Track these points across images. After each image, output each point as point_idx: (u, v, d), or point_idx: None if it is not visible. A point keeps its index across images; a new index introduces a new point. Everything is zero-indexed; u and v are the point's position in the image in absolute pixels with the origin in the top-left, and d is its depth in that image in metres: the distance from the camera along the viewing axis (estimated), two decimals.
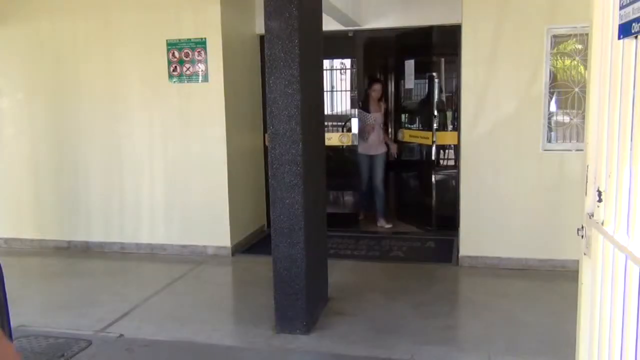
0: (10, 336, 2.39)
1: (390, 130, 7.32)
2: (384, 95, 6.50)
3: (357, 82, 6.50)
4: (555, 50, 4.74)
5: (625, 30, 1.54)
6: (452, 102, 6.15)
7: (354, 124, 6.73)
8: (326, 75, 6.52)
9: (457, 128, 5.45)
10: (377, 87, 6.44)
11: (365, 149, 6.40)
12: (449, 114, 6.46)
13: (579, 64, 4.69)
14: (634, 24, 1.47)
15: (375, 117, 6.37)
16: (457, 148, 5.66)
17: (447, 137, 6.24)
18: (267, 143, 3.77)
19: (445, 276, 4.91)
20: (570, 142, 4.78)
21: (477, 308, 4.14)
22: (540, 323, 3.75)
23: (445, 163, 6.57)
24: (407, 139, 6.46)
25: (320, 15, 4.06)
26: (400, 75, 6.54)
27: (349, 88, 6.98)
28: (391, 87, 8.19)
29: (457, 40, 5.12)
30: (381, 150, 6.45)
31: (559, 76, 4.76)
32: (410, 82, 6.31)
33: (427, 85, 6.27)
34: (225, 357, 3.47)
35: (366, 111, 6.37)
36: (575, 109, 4.75)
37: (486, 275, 4.80)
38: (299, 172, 3.52)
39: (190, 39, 5.33)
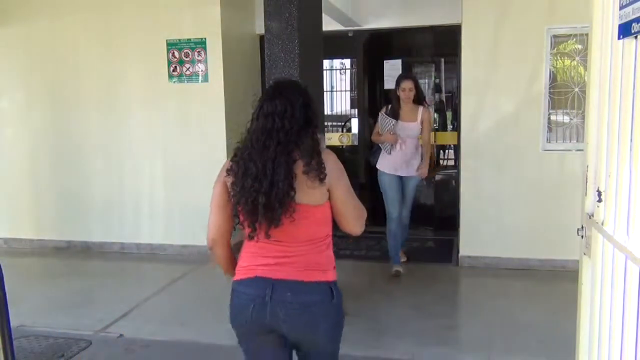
0: (10, 336, 2.39)
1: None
2: (418, 96, 4.66)
3: (357, 82, 6.49)
4: (555, 51, 4.74)
5: (625, 30, 1.54)
6: (452, 102, 6.16)
7: (354, 124, 6.72)
8: (326, 75, 6.53)
9: (457, 128, 5.46)
10: (407, 86, 4.58)
11: (389, 167, 4.70)
12: (449, 114, 6.47)
13: (579, 65, 4.69)
14: (634, 24, 1.47)
15: (408, 126, 4.63)
16: (457, 148, 5.65)
17: (447, 137, 6.25)
18: None
19: (445, 276, 4.91)
20: (570, 142, 4.78)
21: (477, 308, 4.14)
22: (540, 323, 3.75)
23: (445, 163, 6.58)
24: None
25: (320, 15, 4.06)
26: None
27: (348, 88, 6.99)
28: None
29: (457, 40, 5.12)
30: (415, 171, 4.74)
31: (559, 76, 4.76)
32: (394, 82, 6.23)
33: (427, 85, 6.28)
34: (225, 357, 3.47)
35: (393, 117, 4.63)
36: (575, 109, 4.75)
37: (486, 275, 4.80)
38: None
39: (190, 39, 5.33)
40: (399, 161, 4.67)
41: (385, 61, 6.12)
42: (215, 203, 2.04)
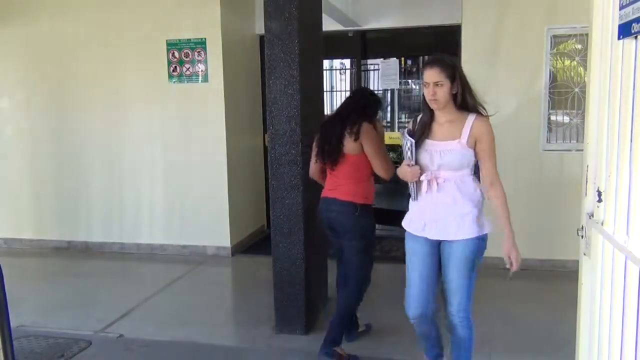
0: (10, 336, 2.39)
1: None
2: (463, 96, 2.63)
3: (356, 82, 6.48)
4: (555, 51, 4.74)
5: (625, 31, 1.54)
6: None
7: None
8: (326, 75, 6.52)
9: None
10: (430, 77, 2.56)
11: (412, 222, 2.77)
12: None
13: (579, 65, 4.69)
14: (633, 24, 1.47)
15: (442, 149, 2.63)
16: None
17: None
18: (267, 143, 3.78)
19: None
20: (570, 142, 4.78)
21: (477, 308, 4.13)
22: (540, 323, 3.75)
23: None
24: None
25: (320, 15, 4.06)
26: (401, 76, 6.52)
27: (349, 88, 6.99)
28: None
29: (457, 40, 5.12)
30: (461, 232, 2.67)
31: (559, 76, 4.77)
32: (391, 82, 6.20)
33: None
34: (225, 357, 3.47)
35: (421, 134, 2.68)
36: (575, 109, 4.75)
37: (486, 275, 4.78)
38: (299, 172, 3.52)
39: (190, 39, 5.33)
40: (428, 212, 2.67)
41: (381, 60, 6.10)
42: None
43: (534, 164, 4.83)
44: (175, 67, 5.39)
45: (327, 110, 6.46)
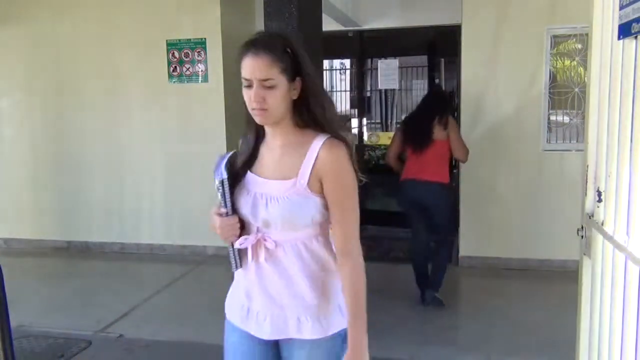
0: (10, 336, 2.39)
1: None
2: (308, 102, 1.59)
3: (356, 82, 6.49)
4: (555, 51, 4.74)
5: (625, 31, 1.54)
6: (452, 103, 6.16)
7: (354, 124, 6.71)
8: (326, 75, 6.53)
9: None
10: (253, 68, 1.61)
11: (233, 308, 1.81)
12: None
13: (579, 65, 4.69)
14: (633, 24, 1.47)
15: (269, 192, 1.61)
16: None
17: None
18: None
19: (445, 276, 4.90)
20: (570, 142, 4.78)
21: (477, 308, 4.14)
22: (540, 323, 3.75)
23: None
24: None
25: (320, 15, 4.06)
26: (402, 76, 6.53)
27: (348, 88, 7.00)
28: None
29: (457, 40, 5.12)
30: (305, 328, 1.60)
31: (558, 76, 4.77)
32: (390, 82, 6.20)
33: (426, 85, 6.28)
34: None
35: (244, 165, 1.80)
36: (575, 109, 4.75)
37: (486, 275, 4.80)
38: None
39: (190, 39, 5.33)
40: (255, 294, 1.70)
41: (379, 61, 6.11)
42: None
43: (534, 164, 4.83)
44: (175, 67, 5.39)
45: None
